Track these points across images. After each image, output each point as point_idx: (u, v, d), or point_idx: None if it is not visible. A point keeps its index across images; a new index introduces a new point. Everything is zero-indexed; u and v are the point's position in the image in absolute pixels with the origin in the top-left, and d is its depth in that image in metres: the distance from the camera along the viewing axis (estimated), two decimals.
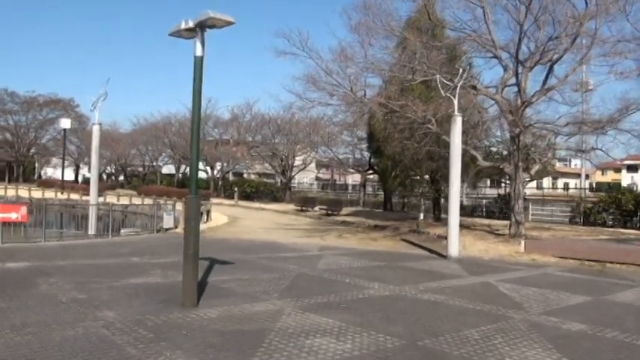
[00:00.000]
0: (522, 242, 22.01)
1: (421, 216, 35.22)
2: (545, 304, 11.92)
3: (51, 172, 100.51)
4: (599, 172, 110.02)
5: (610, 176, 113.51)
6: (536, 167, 27.06)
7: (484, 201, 48.56)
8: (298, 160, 62.51)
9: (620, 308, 12.13)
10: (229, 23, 9.98)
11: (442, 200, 35.93)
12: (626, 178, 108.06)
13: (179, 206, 42.38)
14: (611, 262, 19.09)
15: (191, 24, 10.12)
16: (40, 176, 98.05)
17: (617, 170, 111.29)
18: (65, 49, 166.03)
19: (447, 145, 26.78)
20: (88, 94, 27.37)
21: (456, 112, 19.90)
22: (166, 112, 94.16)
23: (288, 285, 13.13)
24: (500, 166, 26.27)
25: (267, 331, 8.74)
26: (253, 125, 65.16)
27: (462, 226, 31.20)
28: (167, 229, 27.38)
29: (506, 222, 34.94)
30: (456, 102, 19.87)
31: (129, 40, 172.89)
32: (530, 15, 23.26)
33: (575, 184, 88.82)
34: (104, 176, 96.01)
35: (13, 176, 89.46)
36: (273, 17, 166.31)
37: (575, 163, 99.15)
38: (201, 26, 10.15)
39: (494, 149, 35.90)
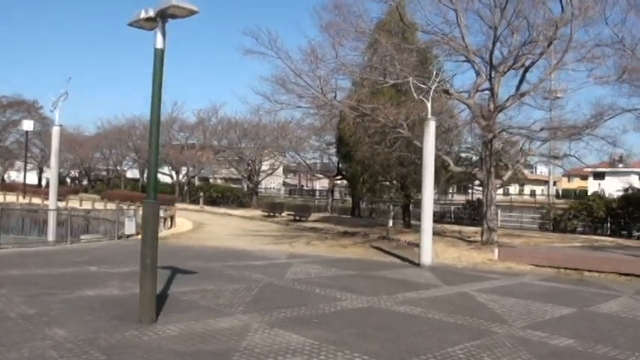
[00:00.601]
0: (496, 250, 21.49)
1: (390, 222, 34.56)
2: (528, 317, 11.27)
3: (15, 175, 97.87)
4: (565, 179, 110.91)
5: (576, 183, 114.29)
6: (508, 173, 26.63)
7: (452, 207, 48.30)
8: (265, 165, 61.61)
9: (606, 320, 11.54)
10: (192, 12, 9.16)
11: (412, 206, 35.40)
12: (592, 186, 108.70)
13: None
14: (589, 271, 18.63)
15: (151, 13, 9.27)
16: (3, 180, 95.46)
17: (584, 178, 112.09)
18: (29, 49, 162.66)
19: (418, 151, 26.21)
20: (49, 95, 25.83)
21: (429, 116, 19.28)
22: (131, 115, 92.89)
23: (254, 296, 12.29)
24: (473, 172, 25.79)
25: (231, 352, 7.90)
26: (219, 129, 64.11)
27: (432, 232, 30.87)
28: (129, 236, 26.30)
29: (477, 228, 34.62)
30: (429, 105, 19.25)
31: (95, 41, 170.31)
32: (504, 19, 22.83)
33: (542, 191, 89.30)
34: (68, 180, 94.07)
35: None
36: (242, 16, 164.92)
37: (541, 170, 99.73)
38: (162, 16, 9.32)
39: (463, 155, 35.53)
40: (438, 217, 42.64)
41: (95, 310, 10.38)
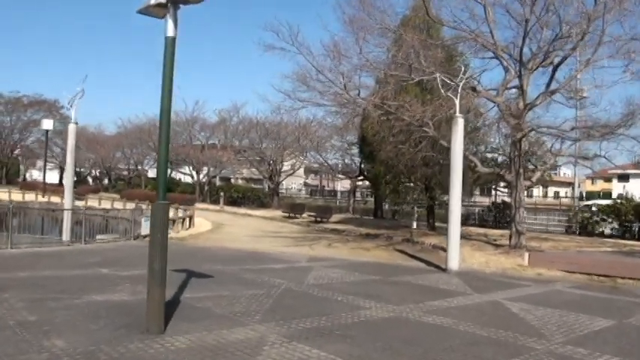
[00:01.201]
0: (526, 255, 20.51)
1: (414, 224, 33.62)
2: (566, 330, 10.39)
3: (36, 174, 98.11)
4: (588, 182, 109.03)
5: (600, 185, 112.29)
6: (537, 174, 25.63)
7: (476, 209, 47.17)
8: (286, 165, 60.88)
9: None
10: None
11: (437, 208, 34.52)
12: (617, 188, 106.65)
13: None
14: (622, 278, 17.67)
15: None
16: (24, 179, 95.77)
17: (607, 180, 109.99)
18: (51, 50, 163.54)
19: (443, 151, 25.36)
20: (65, 92, 25.35)
21: (457, 114, 18.38)
22: (152, 114, 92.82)
23: (272, 304, 11.52)
24: (501, 173, 24.82)
25: None
26: (240, 129, 63.51)
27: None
28: (145, 236, 25.63)
29: (502, 231, 33.69)
30: (457, 102, 18.36)
31: (117, 41, 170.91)
32: (534, 14, 21.87)
33: (566, 193, 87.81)
34: (89, 179, 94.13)
35: None
36: (262, 12, 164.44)
37: (565, 172, 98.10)
38: (174, 1, 8.59)
39: (489, 155, 34.53)
40: (463, 220, 41.10)
41: (101, 317, 9.69)
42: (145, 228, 25.87)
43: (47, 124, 66.42)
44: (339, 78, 22.53)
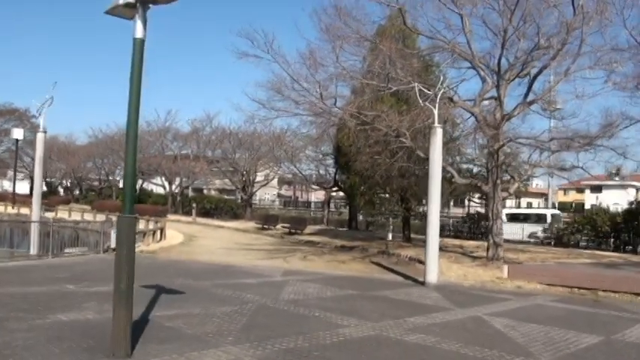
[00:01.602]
0: (505, 267, 20.19)
1: (390, 236, 33.27)
2: (553, 348, 10.01)
3: (8, 185, 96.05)
4: (560, 192, 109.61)
5: (572, 196, 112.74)
6: (515, 185, 25.38)
7: (450, 220, 47.00)
8: (260, 176, 60.22)
9: (637, 352, 10.30)
10: None
11: (412, 220, 34.19)
12: (590, 199, 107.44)
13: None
14: (604, 290, 17.45)
15: None
16: None
17: (580, 190, 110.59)
18: (22, 57, 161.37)
19: (420, 162, 25.05)
20: (34, 100, 24.61)
21: (436, 123, 18.02)
22: (122, 124, 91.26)
23: (246, 322, 10.97)
24: (478, 184, 24.52)
25: None
26: (214, 139, 62.71)
27: None
28: (114, 249, 24.93)
29: (478, 242, 33.48)
30: (436, 112, 18.00)
31: (87, 48, 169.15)
32: (511, 25, 21.66)
33: (538, 204, 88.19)
34: (61, 190, 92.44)
35: None
36: (237, 19, 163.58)
37: (537, 183, 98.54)
38: (143, 1, 8.08)
39: (464, 166, 34.31)
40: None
41: (64, 339, 9.07)
42: (115, 240, 25.18)
43: (17, 133, 65.09)
44: (315, 87, 22.06)
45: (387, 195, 32.35)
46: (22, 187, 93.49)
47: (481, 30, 24.06)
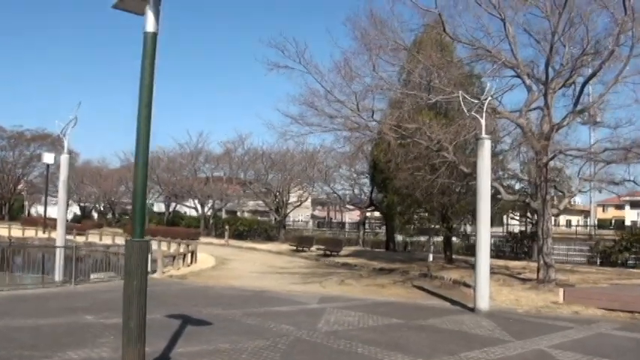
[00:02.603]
0: (560, 291, 18.48)
1: (430, 257, 31.75)
2: None
3: (42, 209, 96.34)
4: (599, 209, 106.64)
5: (611, 213, 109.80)
6: (565, 201, 23.74)
7: (492, 239, 45.11)
8: (293, 197, 58.99)
9: None
10: None
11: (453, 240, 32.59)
12: (630, 215, 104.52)
13: (164, 246, 39.13)
14: None
15: None
16: (29, 214, 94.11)
17: (619, 207, 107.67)
18: (56, 82, 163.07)
19: (462, 177, 23.59)
20: (57, 120, 23.83)
21: (483, 134, 16.55)
22: (154, 147, 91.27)
23: None
24: (526, 201, 22.93)
25: None
26: (246, 160, 61.79)
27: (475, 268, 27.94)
28: None
29: (523, 263, 31.75)
30: (483, 121, 16.53)
31: (117, 74, 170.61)
32: (557, 30, 20.24)
33: (578, 221, 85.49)
34: (94, 214, 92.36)
35: (0, 214, 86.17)
36: (267, 31, 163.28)
37: (575, 200, 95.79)
38: None
39: (506, 183, 32.66)
40: (471, 250, 39.71)
41: None
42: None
43: (48, 157, 64.92)
44: (351, 98, 20.69)
45: (427, 214, 30.71)
46: (55, 212, 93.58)
47: (523, 37, 22.74)
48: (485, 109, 16.79)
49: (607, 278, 24.91)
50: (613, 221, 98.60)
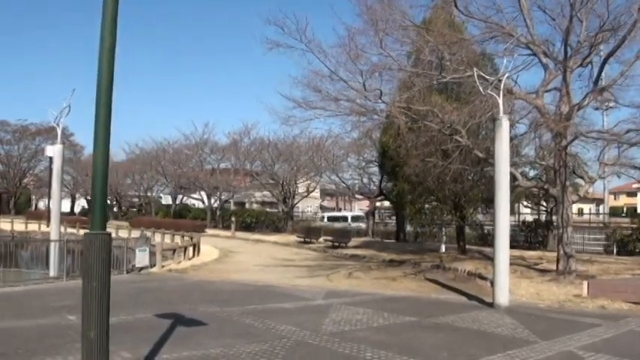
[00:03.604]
0: (584, 283, 17.15)
1: (443, 248, 30.54)
2: None
3: (51, 204, 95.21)
4: (611, 196, 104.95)
5: (623, 200, 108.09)
6: (585, 187, 22.42)
7: None
8: (301, 187, 57.72)
9: None
10: None
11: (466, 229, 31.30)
12: None
13: (168, 239, 38.07)
14: None
15: None
16: (36, 208, 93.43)
17: (630, 194, 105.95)
18: (59, 76, 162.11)
19: (475, 163, 22.36)
20: (50, 109, 22.73)
21: (501, 114, 15.25)
22: (160, 138, 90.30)
23: None
24: (545, 187, 21.62)
25: None
26: (252, 150, 60.46)
27: (490, 259, 26.65)
28: (141, 269, 22.74)
29: (538, 252, 30.45)
30: (500, 100, 15.22)
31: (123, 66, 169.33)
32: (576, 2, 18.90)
33: (590, 209, 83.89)
34: None
35: (7, 208, 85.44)
36: (266, 8, 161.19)
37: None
38: None
39: (520, 169, 31.27)
40: (484, 240, 38.53)
41: None
42: (141, 259, 23.02)
43: (50, 150, 63.69)
44: (357, 78, 19.27)
45: (439, 202, 29.34)
46: (64, 206, 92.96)
47: (537, 14, 21.35)
48: (502, 87, 15.48)
49: (628, 269, 23.63)
50: (625, 209, 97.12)
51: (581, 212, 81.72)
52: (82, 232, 53.95)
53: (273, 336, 10.70)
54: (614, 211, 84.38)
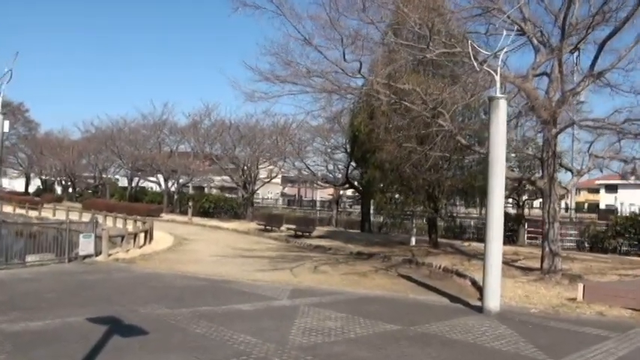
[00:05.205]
0: (580, 287, 15.39)
1: (413, 240, 28.74)
2: None
3: (5, 182, 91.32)
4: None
5: (584, 197, 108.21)
6: (574, 180, 20.79)
7: (472, 221, 42.17)
8: (263, 173, 55.39)
9: None
10: None
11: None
12: (605, 199, 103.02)
13: (120, 224, 35.66)
14: None
15: None
16: None
17: (593, 191, 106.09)
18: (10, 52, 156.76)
19: (456, 150, 20.60)
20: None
21: (498, 93, 13.38)
22: (116, 116, 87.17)
23: None
24: (532, 179, 19.91)
25: None
26: (213, 132, 57.77)
27: (465, 253, 25.00)
28: (84, 257, 20.44)
29: (511, 247, 28.88)
30: (498, 77, 13.35)
31: (81, 39, 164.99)
32: None
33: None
34: (58, 188, 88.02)
35: None
36: None
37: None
38: None
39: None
40: (457, 233, 37.07)
41: None
42: (85, 247, 20.72)
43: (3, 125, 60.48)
44: (336, 46, 16.89)
45: (411, 192, 27.39)
46: (19, 185, 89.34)
47: None
48: (500, 63, 13.63)
49: (611, 267, 22.29)
50: (586, 205, 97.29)
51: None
52: (31, 213, 51.45)
53: (228, 352, 8.64)
54: (576, 207, 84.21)
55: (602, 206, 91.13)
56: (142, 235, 26.70)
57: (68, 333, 9.48)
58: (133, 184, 70.73)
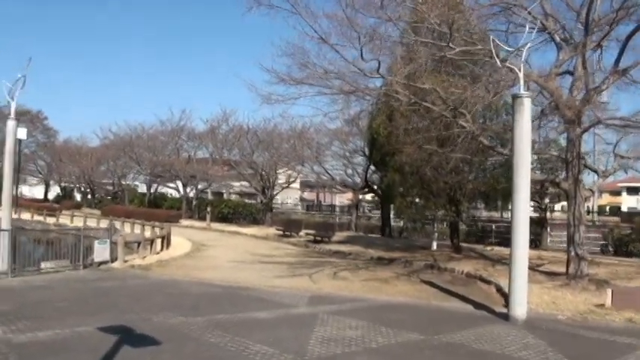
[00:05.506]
0: (609, 292, 14.82)
1: (434, 245, 28.18)
2: None
3: (26, 190, 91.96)
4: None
5: (606, 199, 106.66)
6: (599, 181, 20.22)
7: (493, 225, 41.50)
8: (281, 178, 55.00)
9: None
10: None
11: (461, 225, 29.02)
12: (627, 201, 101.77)
13: (138, 229, 35.46)
14: None
15: None
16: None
17: (614, 193, 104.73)
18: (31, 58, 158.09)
19: (478, 152, 20.10)
20: (4, 80, 19.97)
21: (522, 91, 12.90)
22: (134, 123, 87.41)
23: None
24: (556, 180, 19.35)
25: None
26: (231, 137, 57.55)
27: (488, 258, 24.47)
28: (100, 264, 20.16)
29: (536, 252, 28.22)
30: (521, 75, 12.88)
31: (96, 49, 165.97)
32: None
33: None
34: (77, 195, 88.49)
35: None
36: None
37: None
38: None
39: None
40: (479, 237, 36.45)
41: None
42: (100, 253, 20.46)
43: (21, 133, 60.66)
44: (353, 44, 16.43)
45: (433, 195, 26.82)
46: (38, 192, 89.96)
47: None
48: (523, 59, 13.13)
49: (637, 272, 21.63)
50: (608, 208, 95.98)
51: (565, 210, 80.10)
52: (49, 220, 51.48)
53: None
54: (599, 210, 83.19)
55: (623, 209, 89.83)
56: (159, 241, 26.43)
57: (77, 343, 9.14)
58: (152, 191, 70.67)
